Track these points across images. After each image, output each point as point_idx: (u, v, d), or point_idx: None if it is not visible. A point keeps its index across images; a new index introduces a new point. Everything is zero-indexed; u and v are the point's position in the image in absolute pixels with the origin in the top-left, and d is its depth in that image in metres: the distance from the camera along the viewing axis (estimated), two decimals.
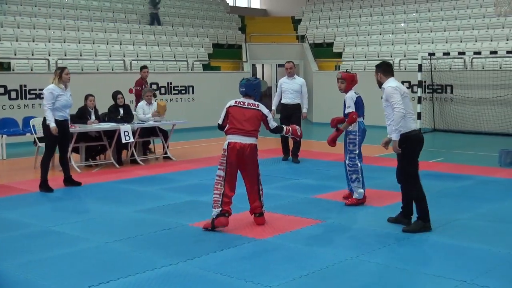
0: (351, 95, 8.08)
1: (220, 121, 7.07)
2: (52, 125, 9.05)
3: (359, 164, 8.05)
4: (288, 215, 7.60)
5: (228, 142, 6.91)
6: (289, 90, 11.77)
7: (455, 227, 7.01)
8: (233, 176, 6.93)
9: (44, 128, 9.33)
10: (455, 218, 7.36)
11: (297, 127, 7.52)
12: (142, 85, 13.42)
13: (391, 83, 6.87)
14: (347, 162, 8.13)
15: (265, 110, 7.07)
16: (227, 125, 6.98)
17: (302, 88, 11.84)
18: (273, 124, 7.13)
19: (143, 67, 13.87)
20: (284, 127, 7.35)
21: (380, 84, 7.03)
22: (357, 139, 8.07)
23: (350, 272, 5.50)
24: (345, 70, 8.71)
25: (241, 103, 7.01)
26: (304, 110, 11.88)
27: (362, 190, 8.07)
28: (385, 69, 7.01)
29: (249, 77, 7.34)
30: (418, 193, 6.81)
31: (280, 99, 11.91)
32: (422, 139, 6.95)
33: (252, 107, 6.99)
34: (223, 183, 6.87)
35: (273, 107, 12.00)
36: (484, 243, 6.30)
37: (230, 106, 7.02)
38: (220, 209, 6.82)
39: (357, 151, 8.06)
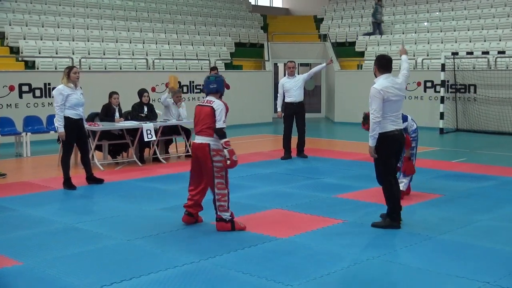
0: None
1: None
2: (61, 130, 9.12)
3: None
4: (309, 214, 7.60)
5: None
6: (293, 88, 12.04)
7: (478, 228, 6.96)
8: (194, 175, 6.96)
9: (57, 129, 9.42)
10: (477, 219, 7.31)
11: (234, 155, 6.68)
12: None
13: (377, 84, 6.71)
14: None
15: (217, 106, 6.72)
16: None
17: (304, 81, 12.16)
18: (220, 124, 6.65)
19: (212, 69, 14.11)
20: (227, 138, 6.66)
21: (375, 76, 6.92)
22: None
23: (371, 272, 5.49)
24: None
25: (203, 101, 6.94)
26: (322, 65, 12.98)
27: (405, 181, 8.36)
28: (380, 64, 6.85)
29: (211, 75, 7.18)
30: (388, 192, 6.85)
31: (283, 99, 12.19)
32: (397, 140, 6.79)
33: (207, 104, 6.80)
34: (190, 180, 7.03)
35: (279, 109, 12.27)
36: (507, 245, 6.24)
37: (196, 106, 6.99)
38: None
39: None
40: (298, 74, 12.58)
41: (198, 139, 6.77)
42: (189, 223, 7.06)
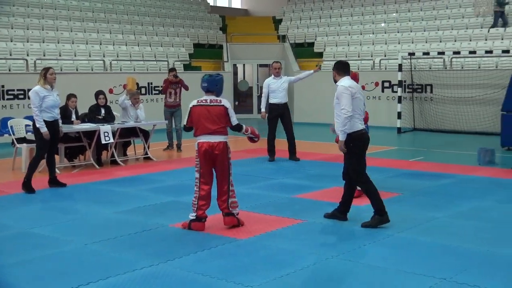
0: None
1: (185, 122, 7.07)
2: (44, 130, 8.96)
3: None
4: (268, 214, 7.59)
5: (197, 143, 6.91)
6: (278, 89, 11.93)
7: (435, 225, 7.05)
8: (207, 177, 6.90)
9: (34, 131, 9.21)
10: (434, 217, 7.41)
11: (254, 127, 7.24)
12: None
13: (343, 82, 6.96)
14: None
15: (227, 104, 6.93)
16: (194, 126, 6.94)
17: (289, 83, 12.17)
18: (234, 120, 6.94)
19: (170, 70, 13.98)
20: (244, 126, 7.07)
21: (335, 81, 7.19)
22: None
23: (331, 272, 5.51)
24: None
25: (204, 101, 6.94)
26: (310, 71, 12.59)
27: None
28: (339, 68, 7.13)
29: (211, 73, 7.28)
30: (369, 188, 7.00)
31: (267, 100, 12.01)
32: (368, 138, 7.16)
33: (215, 103, 6.89)
34: (199, 185, 6.90)
35: (263, 109, 12.06)
36: (463, 241, 6.34)
37: (193, 106, 6.96)
38: (195, 214, 6.86)
39: None
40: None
41: (215, 139, 6.79)
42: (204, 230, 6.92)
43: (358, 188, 8.35)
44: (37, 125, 9.00)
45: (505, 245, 6.23)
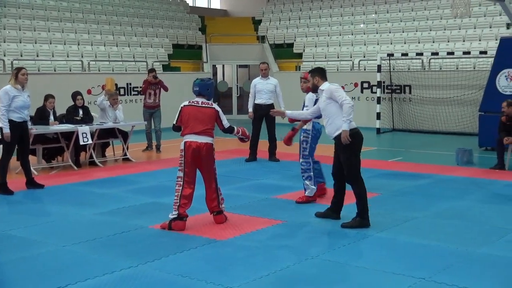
0: (311, 96, 8.15)
1: (174, 122, 7.12)
2: (6, 130, 8.85)
3: (311, 162, 8.19)
4: (248, 215, 7.59)
5: (184, 142, 6.95)
6: (263, 90, 11.90)
7: (413, 225, 7.10)
8: (191, 176, 6.94)
9: (0, 131, 9.12)
10: (413, 217, 7.46)
11: (245, 128, 7.43)
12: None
13: (330, 84, 7.12)
14: (300, 160, 8.24)
15: (218, 108, 7.14)
16: (183, 126, 7.01)
17: (276, 88, 12.03)
18: (226, 123, 7.15)
19: (150, 70, 13.80)
20: (235, 127, 7.27)
21: (316, 87, 7.28)
22: (309, 138, 8.20)
23: (310, 272, 5.51)
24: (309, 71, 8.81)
25: (195, 102, 7.06)
26: (282, 108, 11.96)
27: (314, 187, 8.22)
28: (322, 74, 7.28)
29: (203, 77, 7.38)
30: (361, 189, 7.00)
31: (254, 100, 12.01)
32: (362, 137, 7.17)
33: (207, 105, 7.05)
34: (182, 183, 6.90)
35: (250, 109, 12.03)
36: (441, 241, 6.39)
37: (184, 106, 7.08)
38: (177, 212, 6.83)
39: (307, 150, 8.18)
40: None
41: (202, 139, 6.92)
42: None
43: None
44: (0, 125, 8.91)
45: (483, 245, 6.28)
